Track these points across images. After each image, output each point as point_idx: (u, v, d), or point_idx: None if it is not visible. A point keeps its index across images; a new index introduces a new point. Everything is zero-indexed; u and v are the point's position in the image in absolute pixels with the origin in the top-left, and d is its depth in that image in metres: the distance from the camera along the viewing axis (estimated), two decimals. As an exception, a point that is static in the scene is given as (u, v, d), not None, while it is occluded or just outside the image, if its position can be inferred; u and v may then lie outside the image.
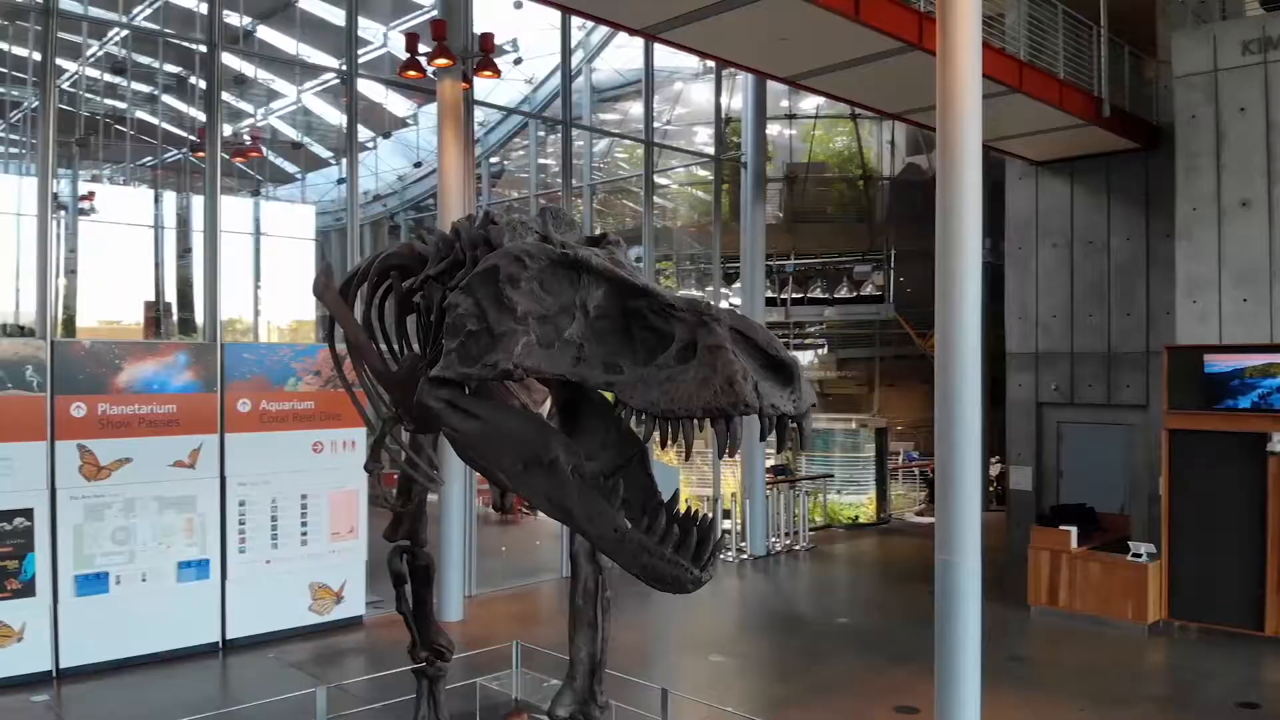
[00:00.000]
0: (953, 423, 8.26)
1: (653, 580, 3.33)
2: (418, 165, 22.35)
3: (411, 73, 13.06)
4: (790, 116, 26.08)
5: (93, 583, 10.73)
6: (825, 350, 27.31)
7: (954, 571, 8.14)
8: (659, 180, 27.12)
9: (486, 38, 13.41)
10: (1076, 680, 10.78)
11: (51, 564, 10.42)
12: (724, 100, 19.23)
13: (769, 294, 24.02)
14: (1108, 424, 16.51)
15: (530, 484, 3.61)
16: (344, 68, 14.16)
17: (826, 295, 24.56)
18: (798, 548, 17.92)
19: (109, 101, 20.29)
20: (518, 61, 18.34)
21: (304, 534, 12.36)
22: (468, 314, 3.69)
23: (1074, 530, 13.29)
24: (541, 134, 21.78)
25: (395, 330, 5.80)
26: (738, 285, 20.37)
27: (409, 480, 6.94)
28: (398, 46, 16.97)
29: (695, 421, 3.20)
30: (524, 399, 5.29)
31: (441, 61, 12.73)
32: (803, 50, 11.46)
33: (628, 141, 22.25)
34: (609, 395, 3.58)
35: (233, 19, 19.56)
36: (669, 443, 3.21)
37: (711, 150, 18.80)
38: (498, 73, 13.57)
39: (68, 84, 19.66)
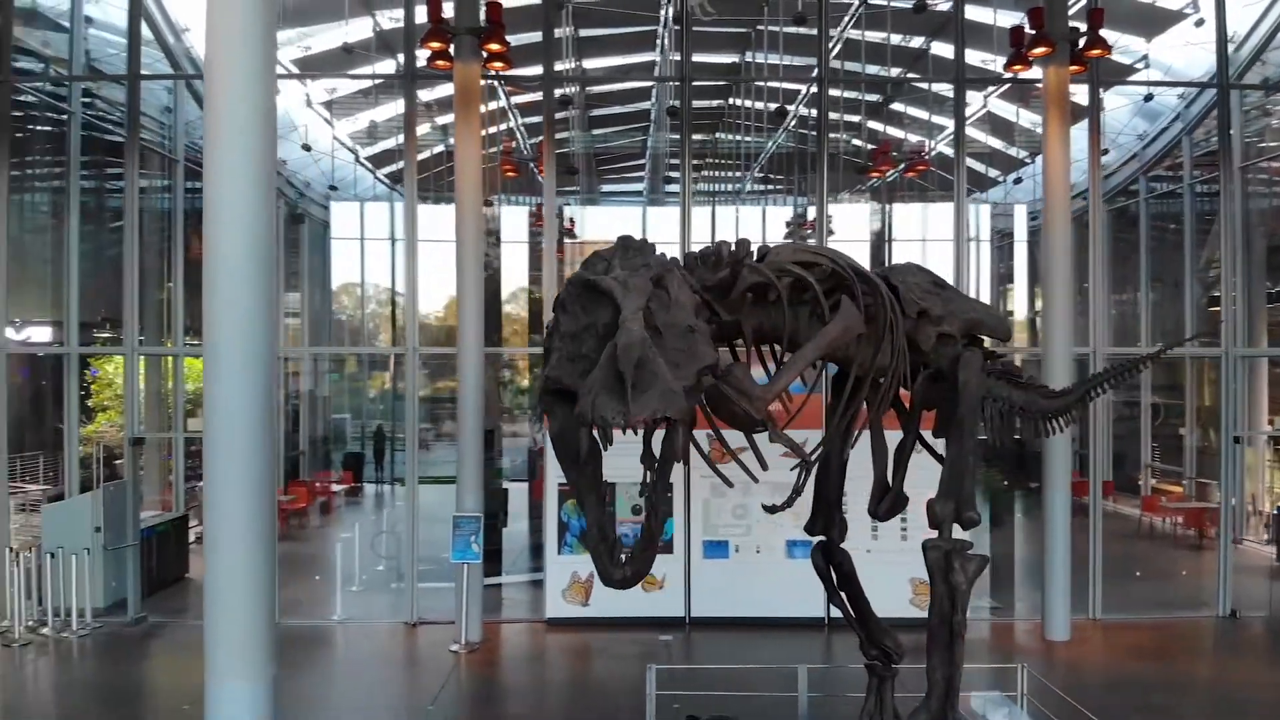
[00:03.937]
0: None
1: (598, 573, 3.60)
2: (1105, 153, 20.74)
3: (1016, 66, 12.78)
4: None
5: (716, 549, 12.95)
6: None
7: None
8: None
9: (1095, 14, 12.45)
10: None
11: (685, 529, 12.89)
12: None
13: None
14: None
15: (568, 477, 4.14)
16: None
17: None
18: None
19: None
20: (1199, 24, 15.87)
21: (903, 530, 12.91)
22: (550, 333, 4.36)
23: None
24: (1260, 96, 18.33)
25: None
26: None
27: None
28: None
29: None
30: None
31: (1039, 50, 12.20)
32: None
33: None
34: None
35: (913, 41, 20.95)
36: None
37: None
38: (1108, 50, 12.45)
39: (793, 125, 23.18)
